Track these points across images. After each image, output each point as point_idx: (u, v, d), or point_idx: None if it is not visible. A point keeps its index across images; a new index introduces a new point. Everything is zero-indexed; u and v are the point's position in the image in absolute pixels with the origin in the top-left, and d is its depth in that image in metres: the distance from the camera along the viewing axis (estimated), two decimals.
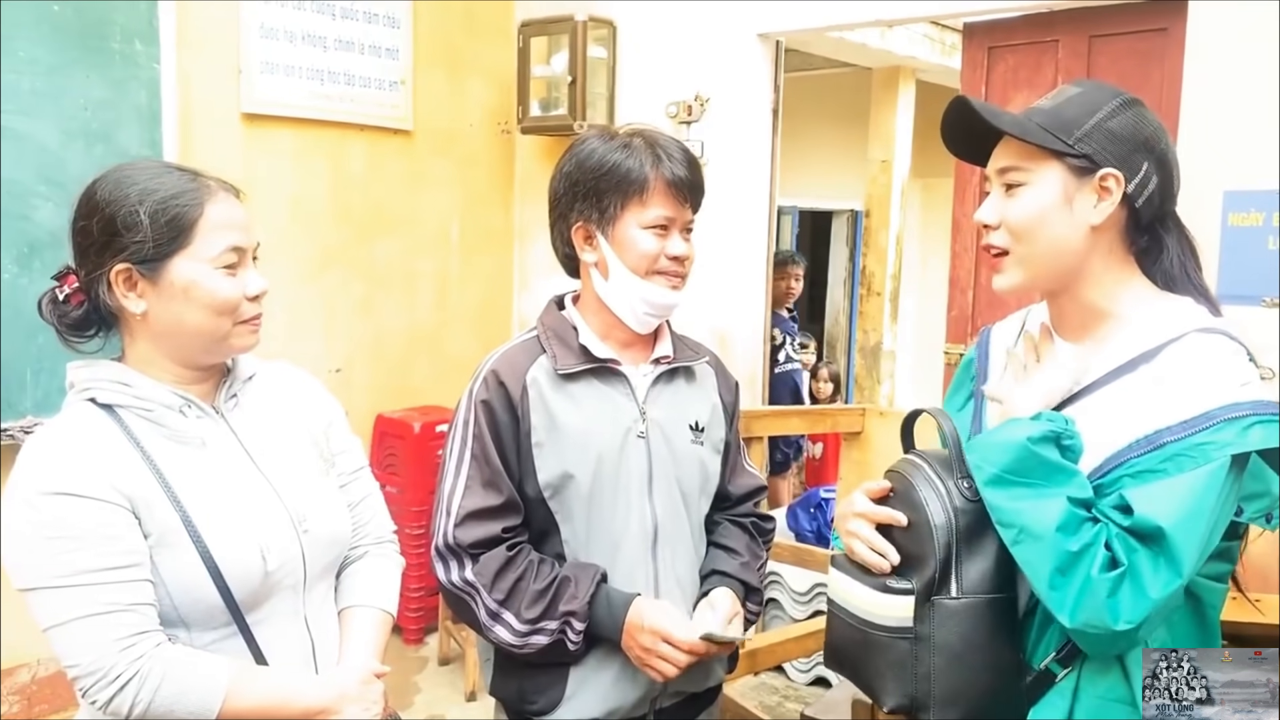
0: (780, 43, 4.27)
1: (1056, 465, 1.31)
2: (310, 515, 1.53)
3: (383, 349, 4.54)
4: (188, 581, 1.39)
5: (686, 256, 1.76)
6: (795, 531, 4.56)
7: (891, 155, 6.84)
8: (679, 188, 1.72)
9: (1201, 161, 3.11)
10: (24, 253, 3.34)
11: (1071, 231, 1.39)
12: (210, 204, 1.44)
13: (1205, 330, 1.35)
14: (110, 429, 1.41)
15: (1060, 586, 1.27)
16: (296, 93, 4.09)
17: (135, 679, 1.32)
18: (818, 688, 4.01)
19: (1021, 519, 1.30)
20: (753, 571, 1.87)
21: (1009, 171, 1.42)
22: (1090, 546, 1.27)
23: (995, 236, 1.44)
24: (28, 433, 3.31)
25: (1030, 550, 1.30)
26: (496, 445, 1.71)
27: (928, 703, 1.40)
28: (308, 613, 1.54)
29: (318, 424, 1.64)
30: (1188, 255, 1.44)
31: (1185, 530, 1.24)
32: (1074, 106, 1.39)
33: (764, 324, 4.43)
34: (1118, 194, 1.37)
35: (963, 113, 1.45)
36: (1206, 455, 1.25)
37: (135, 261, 1.40)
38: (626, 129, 1.78)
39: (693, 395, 1.85)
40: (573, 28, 4.39)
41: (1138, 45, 3.42)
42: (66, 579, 1.32)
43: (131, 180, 1.42)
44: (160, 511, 1.39)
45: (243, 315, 1.46)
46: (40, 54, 3.35)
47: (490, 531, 1.70)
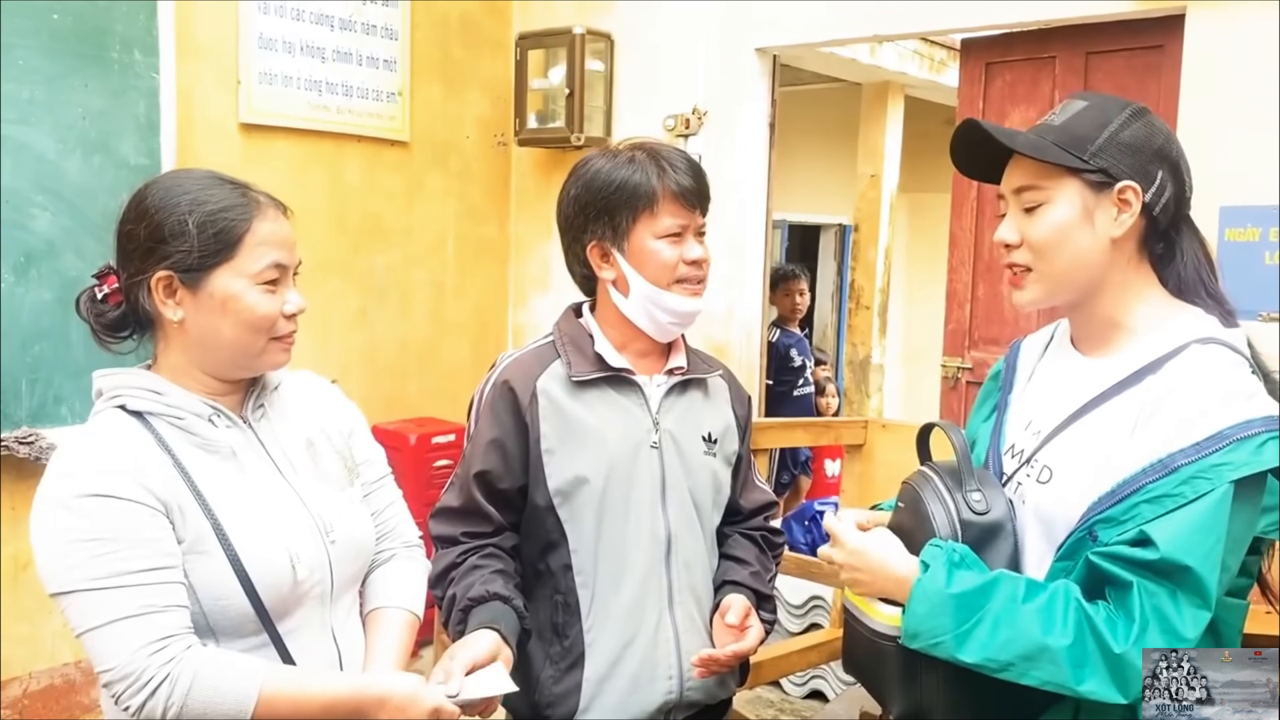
0: (777, 57, 4.30)
1: (984, 584, 1.32)
2: (337, 525, 1.53)
3: (378, 360, 4.53)
4: (218, 589, 1.39)
5: (704, 259, 1.77)
6: (790, 544, 4.56)
7: (880, 170, 6.87)
8: (687, 194, 1.73)
9: (1198, 177, 3.10)
10: (21, 262, 3.31)
11: (1094, 245, 1.40)
12: (258, 220, 1.44)
13: (1204, 341, 1.35)
14: (142, 436, 1.40)
15: (1092, 676, 1.26)
16: (294, 103, 4.08)
17: (166, 683, 1.30)
18: (813, 701, 4.01)
19: (1010, 651, 1.29)
20: (763, 581, 1.88)
21: (1026, 191, 1.42)
22: (1082, 624, 1.27)
23: (1017, 255, 1.45)
24: (23, 443, 3.29)
25: (1042, 670, 1.28)
26: (489, 452, 1.73)
27: (933, 713, 1.41)
28: (334, 623, 1.54)
29: (340, 433, 1.64)
30: (1202, 259, 1.45)
31: (1210, 562, 1.24)
32: (1085, 121, 1.40)
33: (761, 338, 4.44)
34: (1137, 205, 1.38)
35: (973, 134, 1.45)
36: (1222, 476, 1.24)
37: (178, 270, 1.40)
38: (627, 144, 1.79)
39: (706, 407, 1.86)
40: (570, 40, 4.41)
41: (1134, 61, 3.45)
42: (103, 581, 1.31)
43: (183, 189, 1.43)
44: (192, 518, 1.39)
45: (278, 332, 1.47)
46: (39, 63, 3.33)
47: (450, 532, 1.76)
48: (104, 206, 3.39)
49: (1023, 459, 1.47)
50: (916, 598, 1.34)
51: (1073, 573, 1.34)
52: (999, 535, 1.41)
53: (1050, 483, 1.41)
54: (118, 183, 3.43)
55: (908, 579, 1.37)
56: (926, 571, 1.35)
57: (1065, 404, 1.45)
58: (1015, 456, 1.50)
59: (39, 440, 3.32)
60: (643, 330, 1.78)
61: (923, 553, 1.38)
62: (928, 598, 1.33)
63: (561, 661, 1.75)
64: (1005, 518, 1.42)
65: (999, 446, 1.54)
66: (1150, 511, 1.26)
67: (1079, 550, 1.33)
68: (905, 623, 1.36)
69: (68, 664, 3.55)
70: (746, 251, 4.30)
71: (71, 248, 3.40)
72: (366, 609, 1.64)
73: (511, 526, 1.78)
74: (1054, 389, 1.50)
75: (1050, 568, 1.38)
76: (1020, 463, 1.47)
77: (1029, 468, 1.45)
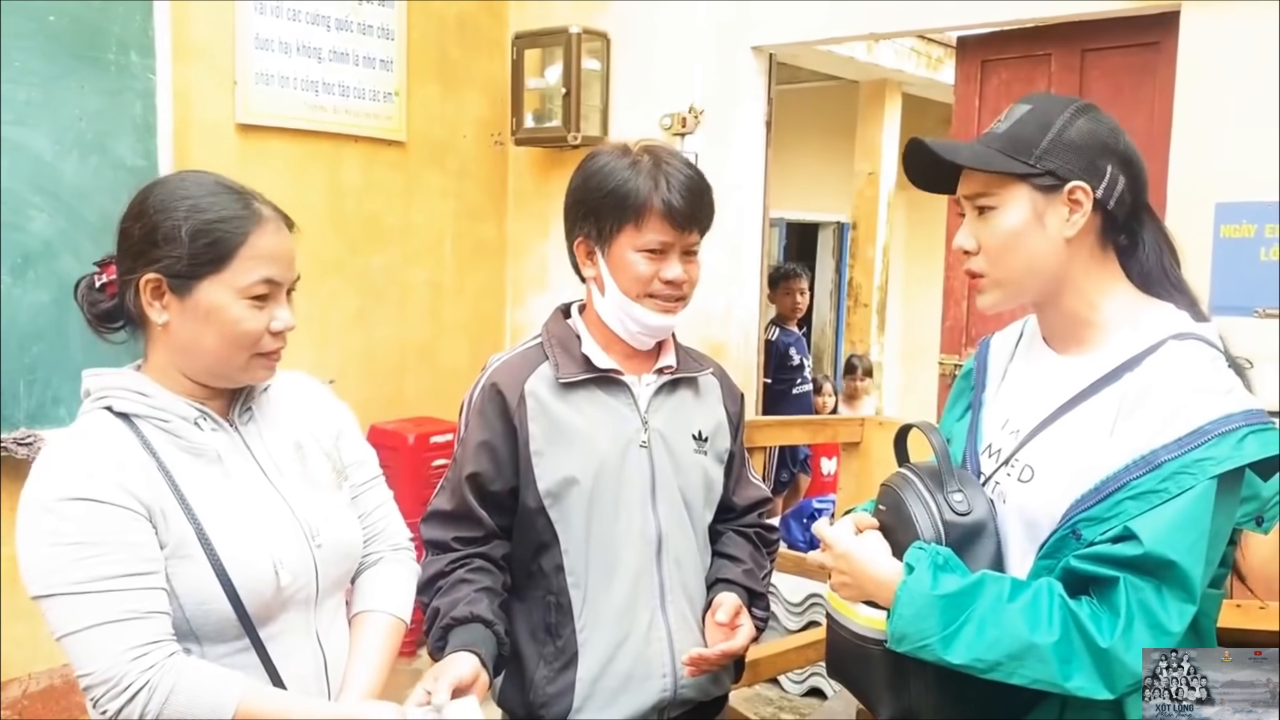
0: (773, 55, 4.30)
1: (969, 585, 1.32)
2: (323, 529, 1.52)
3: (376, 360, 4.53)
4: (200, 593, 1.38)
5: (683, 280, 1.75)
6: (789, 542, 4.57)
7: (878, 168, 6.88)
8: (675, 214, 1.70)
9: (1193, 173, 3.15)
10: (18, 263, 3.31)
11: (1047, 247, 1.40)
12: (256, 234, 1.43)
13: (1180, 337, 1.36)
14: (127, 438, 1.39)
15: (1079, 672, 1.27)
16: (291, 104, 4.08)
17: (145, 689, 1.29)
18: (812, 699, 4.01)
19: (998, 650, 1.29)
20: (757, 579, 1.88)
21: (978, 198, 1.43)
22: (1067, 620, 1.27)
23: (974, 262, 1.46)
24: (21, 444, 3.29)
25: (1030, 668, 1.28)
26: (480, 454, 1.73)
27: (921, 715, 1.41)
28: (319, 627, 1.52)
29: (329, 434, 1.63)
30: (1164, 249, 1.45)
31: (1195, 556, 1.25)
32: (1028, 125, 1.41)
33: (759, 336, 4.44)
34: (1088, 204, 1.38)
35: (920, 153, 1.46)
36: (1205, 471, 1.25)
37: (167, 275, 1.39)
38: (640, 145, 1.78)
39: (696, 406, 1.86)
40: (567, 40, 4.41)
41: (1130, 59, 3.46)
42: (85, 585, 1.30)
43: (185, 194, 1.42)
44: (175, 522, 1.37)
45: (262, 349, 1.45)
46: (36, 64, 3.33)
47: (441, 536, 1.75)
48: (101, 207, 3.39)
49: (1001, 458, 1.47)
50: (902, 600, 1.34)
51: (1055, 571, 1.34)
52: (982, 535, 1.41)
53: (1032, 482, 1.41)
54: (114, 184, 3.44)
55: (891, 582, 1.37)
56: (911, 574, 1.35)
57: (1043, 403, 1.45)
58: (993, 456, 1.50)
59: (37, 441, 3.31)
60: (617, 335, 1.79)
61: (906, 555, 1.38)
62: (914, 600, 1.33)
63: (555, 661, 1.75)
64: (987, 517, 1.42)
65: (976, 446, 1.54)
66: (1134, 508, 1.27)
67: (1062, 548, 1.34)
68: (892, 625, 1.36)
69: (67, 664, 3.49)
70: (744, 250, 4.30)
71: (68, 249, 3.40)
72: (353, 612, 1.63)
73: (503, 532, 1.78)
74: (1030, 388, 1.50)
75: (1033, 566, 1.38)
76: (999, 462, 1.47)
77: (1009, 467, 1.45)
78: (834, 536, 1.48)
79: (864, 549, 1.45)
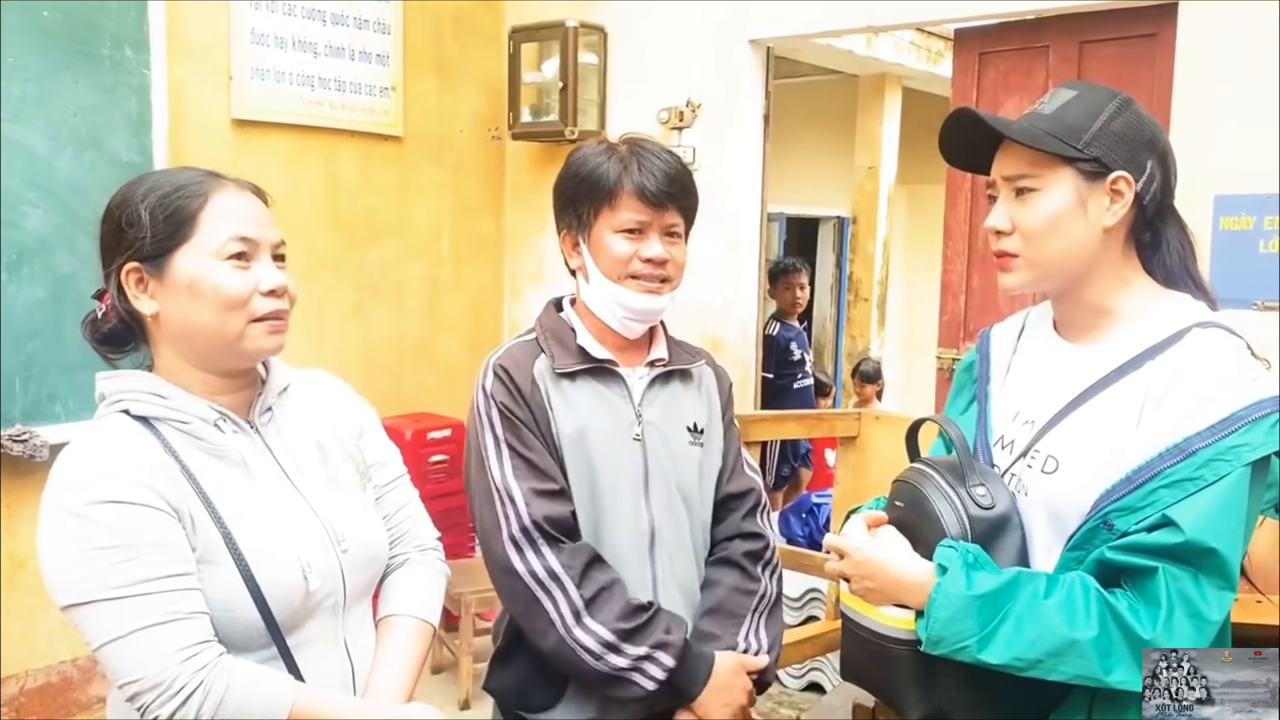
0: (771, 49, 4.28)
1: (1005, 584, 1.31)
2: (349, 533, 1.47)
3: (374, 356, 4.52)
4: (228, 600, 1.33)
5: (665, 259, 1.74)
6: (788, 537, 4.57)
7: (878, 162, 6.87)
8: (647, 192, 1.70)
9: (1192, 166, 3.11)
10: (13, 260, 3.30)
11: (1086, 234, 1.40)
12: (216, 194, 1.38)
13: (1204, 325, 1.36)
14: (148, 441, 1.35)
15: (1119, 665, 1.26)
16: (287, 99, 4.07)
17: (199, 690, 1.25)
18: (811, 693, 4.01)
19: (1038, 648, 1.28)
20: (743, 619, 1.80)
21: (1019, 179, 1.42)
22: (1105, 614, 1.26)
23: (1008, 242, 1.44)
24: (17, 441, 3.28)
25: (1070, 664, 1.27)
26: (530, 434, 1.70)
27: (952, 714, 1.40)
28: (346, 635, 1.48)
29: (350, 433, 1.58)
30: (1185, 247, 1.46)
31: (1234, 543, 1.25)
32: (1076, 110, 1.40)
33: (757, 331, 4.43)
34: (1129, 195, 1.38)
35: (965, 122, 1.45)
36: (1240, 458, 1.25)
37: (140, 259, 1.36)
38: (622, 137, 1.79)
39: (690, 398, 1.85)
40: (563, 34, 4.40)
41: (1128, 50, 3.44)
42: (124, 589, 1.26)
43: (144, 182, 1.39)
44: (203, 527, 1.33)
45: (256, 312, 1.38)
46: (30, 60, 3.32)
47: (562, 511, 1.67)
48: (96, 204, 3.31)
49: (1017, 450, 1.46)
50: (938, 603, 1.32)
51: (1084, 562, 1.33)
52: (1007, 528, 1.40)
53: (1057, 473, 1.40)
54: (110, 180, 3.41)
55: (923, 585, 1.35)
56: (945, 575, 1.33)
57: (1058, 393, 1.44)
58: (1006, 448, 1.49)
59: (33, 438, 3.31)
60: (606, 324, 1.78)
61: (936, 555, 1.36)
62: (950, 603, 1.31)
63: None
64: (1011, 510, 1.41)
65: (986, 438, 1.53)
66: (1170, 496, 1.26)
67: (1092, 539, 1.33)
68: (927, 629, 1.34)
69: (64, 662, 3.55)
70: (742, 245, 4.29)
71: (64, 245, 3.40)
72: (379, 616, 1.58)
73: None
74: (1042, 378, 1.49)
75: (1061, 558, 1.37)
76: (1016, 454, 1.46)
77: (1028, 458, 1.44)
78: (851, 544, 1.46)
79: (886, 552, 1.43)
